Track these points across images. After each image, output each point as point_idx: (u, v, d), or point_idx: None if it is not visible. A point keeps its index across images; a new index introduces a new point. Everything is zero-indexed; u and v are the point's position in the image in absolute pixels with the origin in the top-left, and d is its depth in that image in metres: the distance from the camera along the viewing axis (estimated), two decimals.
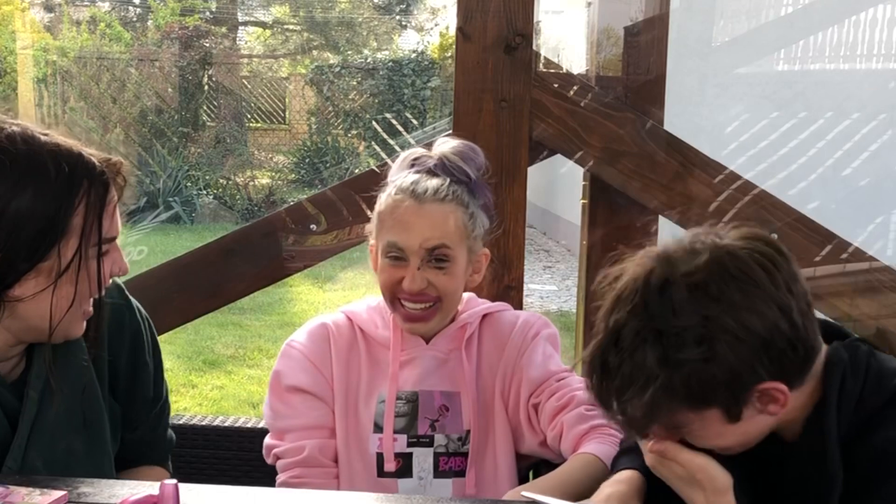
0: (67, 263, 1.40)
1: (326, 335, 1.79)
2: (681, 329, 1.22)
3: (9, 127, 1.40)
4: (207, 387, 5.34)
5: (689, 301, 1.22)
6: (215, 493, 1.42)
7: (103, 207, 1.44)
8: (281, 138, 15.03)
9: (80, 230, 1.41)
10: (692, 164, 2.21)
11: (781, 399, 1.26)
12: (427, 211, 1.68)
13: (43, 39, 12.24)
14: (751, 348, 1.22)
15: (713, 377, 1.22)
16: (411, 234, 1.67)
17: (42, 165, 1.38)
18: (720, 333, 1.21)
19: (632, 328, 1.25)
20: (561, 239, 10.30)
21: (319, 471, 1.71)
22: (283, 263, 2.30)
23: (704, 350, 1.21)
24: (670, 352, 1.22)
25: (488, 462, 1.76)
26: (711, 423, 1.28)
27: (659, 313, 1.23)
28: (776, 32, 8.18)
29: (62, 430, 1.50)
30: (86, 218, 1.41)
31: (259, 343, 6.24)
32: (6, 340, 1.46)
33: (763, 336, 1.22)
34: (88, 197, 1.41)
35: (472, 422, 1.75)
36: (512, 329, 1.81)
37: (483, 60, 2.14)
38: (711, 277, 1.24)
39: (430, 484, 1.74)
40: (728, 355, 1.22)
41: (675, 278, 1.24)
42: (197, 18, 13.42)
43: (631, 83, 2.25)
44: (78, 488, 1.37)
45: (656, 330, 1.23)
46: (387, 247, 1.70)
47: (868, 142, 7.76)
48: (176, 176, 11.46)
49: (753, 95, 7.86)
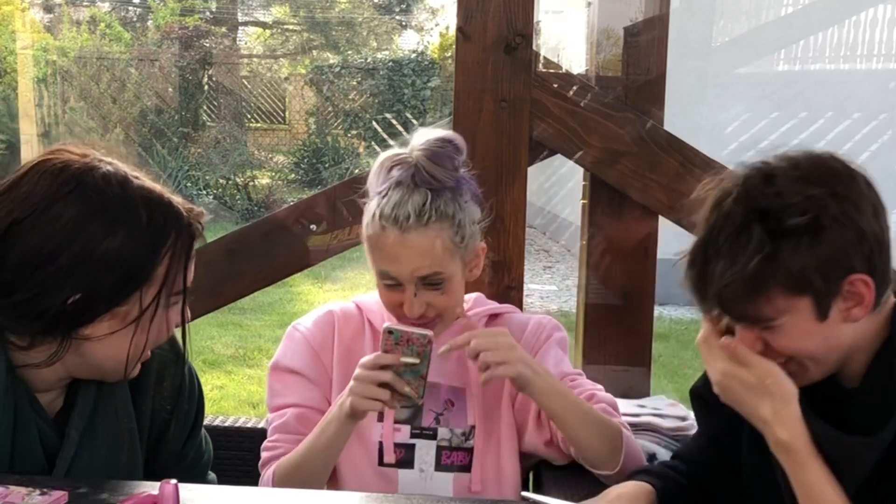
0: (144, 310, 1.40)
1: (332, 321, 1.80)
2: (787, 205, 1.26)
3: (104, 166, 1.39)
4: (207, 387, 5.33)
5: (794, 184, 1.27)
6: (215, 493, 1.42)
7: (188, 259, 1.44)
8: (281, 138, 15.04)
9: (163, 279, 1.40)
10: (692, 164, 2.21)
11: (867, 298, 1.28)
12: (412, 241, 1.65)
13: (43, 39, 12.23)
14: (851, 234, 1.26)
15: (815, 255, 1.25)
16: (401, 265, 1.66)
17: (135, 210, 1.38)
18: (824, 213, 1.25)
19: (737, 213, 1.28)
20: (561, 239, 10.31)
21: (293, 437, 1.73)
22: (284, 263, 2.31)
23: (810, 221, 1.25)
24: (778, 224, 1.26)
25: (491, 460, 1.76)
26: (801, 316, 1.29)
27: (764, 196, 1.27)
28: (776, 32, 8.18)
29: (99, 474, 1.48)
30: (169, 268, 1.41)
31: (259, 343, 6.24)
32: (58, 373, 1.45)
33: (861, 227, 1.26)
34: (175, 247, 1.41)
35: (478, 418, 1.75)
36: (524, 330, 1.81)
37: (483, 60, 2.14)
38: (815, 169, 1.29)
39: (430, 477, 1.74)
40: (830, 234, 1.25)
41: (778, 171, 1.29)
42: (197, 18, 13.42)
43: (631, 83, 2.25)
44: (78, 488, 1.37)
45: (762, 209, 1.27)
46: (380, 274, 1.70)
47: (868, 142, 7.76)
48: (176, 176, 11.45)
49: (753, 95, 7.87)
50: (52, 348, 1.38)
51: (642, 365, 2.30)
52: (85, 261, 1.34)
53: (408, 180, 1.67)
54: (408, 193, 1.67)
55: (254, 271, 2.30)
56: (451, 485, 1.74)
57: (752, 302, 1.30)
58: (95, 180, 1.37)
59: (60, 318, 1.35)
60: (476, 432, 1.75)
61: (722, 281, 1.29)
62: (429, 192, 1.67)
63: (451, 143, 1.71)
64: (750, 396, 1.36)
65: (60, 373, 1.44)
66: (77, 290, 1.34)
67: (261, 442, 1.79)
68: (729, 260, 1.28)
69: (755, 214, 1.27)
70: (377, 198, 1.70)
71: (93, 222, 1.35)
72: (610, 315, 2.29)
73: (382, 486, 1.73)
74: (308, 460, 1.67)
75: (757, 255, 1.26)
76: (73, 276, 1.34)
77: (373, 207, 1.70)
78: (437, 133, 1.72)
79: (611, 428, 1.68)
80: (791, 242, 1.25)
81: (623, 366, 2.28)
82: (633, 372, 2.29)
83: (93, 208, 1.35)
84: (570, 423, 1.65)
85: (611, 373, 2.26)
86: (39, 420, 1.45)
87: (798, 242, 1.25)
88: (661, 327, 6.35)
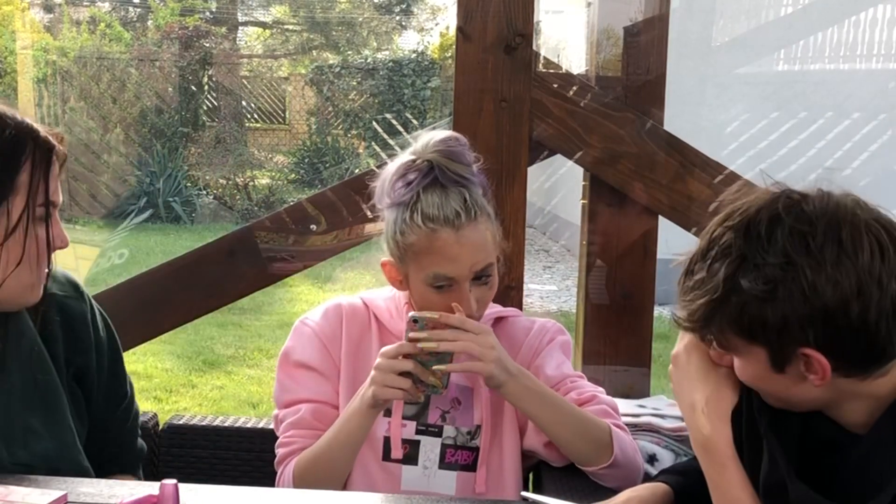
0: (16, 222, 1.44)
1: (340, 315, 1.79)
2: (761, 263, 1.23)
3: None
4: (207, 387, 5.34)
5: (785, 242, 1.23)
6: (215, 493, 1.42)
7: (49, 168, 1.48)
8: (281, 138, 15.03)
9: (27, 188, 1.45)
10: (692, 164, 2.21)
11: (820, 373, 1.24)
12: (467, 237, 1.65)
13: (43, 39, 12.24)
14: (810, 311, 1.21)
15: (764, 317, 1.23)
16: (459, 263, 1.65)
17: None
18: (791, 283, 1.21)
19: (725, 242, 1.27)
20: (561, 239, 10.31)
21: (310, 432, 1.72)
22: (283, 263, 2.31)
23: (767, 289, 1.22)
24: (739, 275, 1.24)
25: (495, 460, 1.76)
26: (757, 361, 1.28)
27: (754, 240, 1.25)
28: (776, 32, 8.18)
29: (17, 408, 1.51)
30: (32, 175, 1.45)
31: (259, 343, 6.24)
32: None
33: (828, 307, 1.21)
34: (34, 157, 1.46)
35: (485, 419, 1.75)
36: (528, 333, 1.82)
37: (483, 60, 2.14)
38: (818, 232, 1.23)
39: (434, 474, 1.74)
40: (786, 305, 1.22)
41: (787, 218, 1.25)
42: (197, 18, 13.42)
43: (631, 83, 2.25)
44: (78, 488, 1.37)
45: (742, 253, 1.25)
46: (432, 278, 1.66)
47: (868, 142, 7.76)
48: (176, 176, 11.46)
49: (753, 95, 7.87)
50: None
51: (642, 365, 2.30)
52: None
53: (436, 182, 1.67)
54: (443, 193, 1.66)
55: (254, 271, 2.30)
56: (454, 483, 1.74)
57: (707, 330, 1.30)
58: None
59: None
60: (482, 432, 1.75)
61: (686, 303, 1.29)
62: (461, 188, 1.67)
63: (458, 140, 1.71)
64: (690, 380, 1.37)
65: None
66: None
67: (261, 442, 1.79)
68: (695, 284, 1.28)
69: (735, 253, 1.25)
70: (401, 207, 1.67)
71: None
72: (610, 315, 2.29)
73: (385, 481, 1.72)
74: (330, 454, 1.67)
75: (710, 296, 1.25)
76: None
77: (403, 215, 1.67)
78: (441, 134, 1.71)
79: (598, 427, 1.67)
80: (744, 297, 1.23)
81: (623, 366, 2.28)
82: (633, 372, 2.29)
83: None
84: (549, 424, 1.66)
85: (611, 373, 2.27)
86: None
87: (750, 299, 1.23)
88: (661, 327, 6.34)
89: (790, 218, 1.24)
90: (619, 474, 1.67)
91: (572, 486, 1.67)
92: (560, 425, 1.66)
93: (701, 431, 1.34)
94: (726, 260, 1.25)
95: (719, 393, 1.35)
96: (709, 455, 1.34)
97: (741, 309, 1.24)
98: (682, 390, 1.39)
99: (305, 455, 1.69)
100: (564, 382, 1.75)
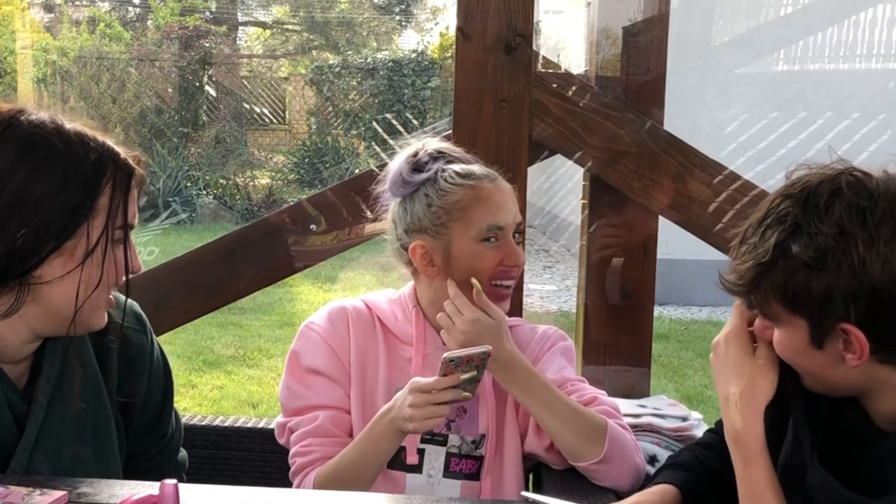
0: (95, 243, 1.42)
1: (345, 317, 1.78)
2: (814, 231, 1.23)
3: (35, 112, 1.45)
4: (207, 387, 5.34)
5: (842, 214, 1.23)
6: (215, 493, 1.42)
7: (128, 190, 1.47)
8: (281, 138, 15.03)
9: (107, 210, 1.43)
10: (692, 164, 2.21)
11: (858, 352, 1.24)
12: (504, 188, 1.75)
13: (43, 39, 12.25)
14: (856, 286, 1.21)
15: (808, 286, 1.23)
16: (505, 211, 1.72)
17: (71, 145, 1.42)
18: (841, 254, 1.21)
19: (782, 210, 1.27)
20: (561, 239, 10.31)
21: (329, 440, 1.70)
22: (284, 263, 2.31)
23: (816, 257, 1.22)
24: (790, 241, 1.24)
25: (498, 468, 1.76)
26: (797, 334, 1.28)
27: (811, 210, 1.25)
28: (776, 32, 8.18)
29: (69, 436, 1.49)
30: (112, 198, 1.44)
31: (259, 343, 6.24)
32: (22, 334, 1.45)
33: (875, 285, 1.20)
34: (114, 179, 1.45)
35: (490, 427, 1.75)
36: (530, 340, 1.82)
37: (483, 60, 2.14)
38: (878, 209, 1.23)
39: (438, 483, 1.74)
40: (832, 277, 1.21)
41: (848, 192, 1.25)
42: (197, 18, 13.42)
43: (630, 83, 2.25)
44: (78, 488, 1.37)
45: (797, 221, 1.25)
46: (486, 231, 1.70)
47: (868, 142, 7.75)
48: (176, 176, 11.46)
49: (753, 95, 7.87)
50: (10, 300, 1.40)
51: (642, 365, 2.30)
52: (25, 196, 1.37)
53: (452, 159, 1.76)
54: (462, 162, 1.76)
55: (254, 271, 2.30)
56: (458, 492, 1.73)
57: (753, 294, 1.30)
58: (27, 122, 1.42)
59: (11, 260, 1.37)
60: (487, 442, 1.75)
61: (738, 266, 1.30)
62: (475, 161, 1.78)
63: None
64: (727, 372, 1.37)
65: (23, 333, 1.45)
66: (22, 225, 1.37)
67: (261, 442, 1.79)
68: (749, 249, 1.29)
69: (791, 221, 1.26)
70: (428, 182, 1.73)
71: (28, 160, 1.39)
72: (610, 315, 2.29)
73: (390, 489, 1.72)
74: (355, 472, 1.64)
75: (760, 260, 1.26)
76: (17, 214, 1.37)
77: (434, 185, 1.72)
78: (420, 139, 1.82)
79: (591, 419, 1.66)
80: (790, 264, 1.24)
81: (623, 366, 2.28)
82: (633, 372, 2.29)
83: (26, 146, 1.39)
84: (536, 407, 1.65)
85: (611, 373, 2.27)
86: (6, 388, 1.45)
87: (798, 267, 1.24)
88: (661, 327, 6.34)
89: (851, 192, 1.24)
90: (613, 471, 1.65)
91: (572, 486, 1.67)
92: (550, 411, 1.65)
93: (733, 425, 1.35)
94: (780, 227, 1.26)
95: (754, 387, 1.35)
96: (739, 449, 1.35)
97: (788, 275, 1.24)
98: (719, 381, 1.39)
99: (328, 468, 1.66)
100: (565, 386, 1.74)
